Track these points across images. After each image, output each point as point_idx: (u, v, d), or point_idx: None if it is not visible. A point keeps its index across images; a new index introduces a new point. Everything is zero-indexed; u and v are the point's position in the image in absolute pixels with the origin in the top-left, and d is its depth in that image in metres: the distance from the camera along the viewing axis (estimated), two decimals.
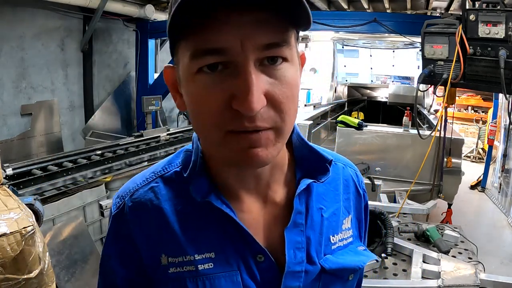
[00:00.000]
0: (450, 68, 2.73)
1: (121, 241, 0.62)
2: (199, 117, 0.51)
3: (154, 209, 0.60)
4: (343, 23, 4.46)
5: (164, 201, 0.60)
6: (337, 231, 0.65)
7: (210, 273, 0.57)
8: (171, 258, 0.58)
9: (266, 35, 0.46)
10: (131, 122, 5.98)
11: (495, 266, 3.52)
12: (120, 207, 0.63)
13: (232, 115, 0.47)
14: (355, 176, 0.71)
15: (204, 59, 0.46)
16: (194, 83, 0.48)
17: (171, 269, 0.58)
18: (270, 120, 0.48)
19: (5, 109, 4.22)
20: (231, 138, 0.48)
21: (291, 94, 0.50)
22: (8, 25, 4.13)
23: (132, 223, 0.61)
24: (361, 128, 3.84)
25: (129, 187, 0.65)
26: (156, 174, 0.64)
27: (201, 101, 0.48)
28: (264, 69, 0.47)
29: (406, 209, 2.58)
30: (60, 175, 3.06)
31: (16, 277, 1.54)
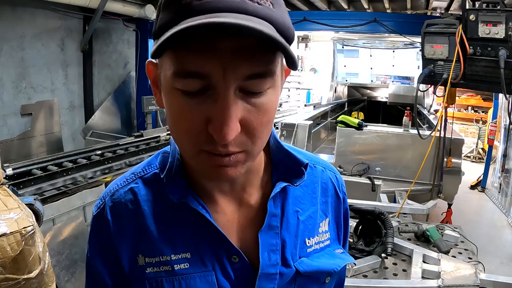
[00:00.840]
0: (450, 68, 2.73)
1: (102, 240, 0.63)
2: (177, 130, 0.51)
3: (132, 210, 0.61)
4: (343, 23, 4.46)
5: (142, 202, 0.61)
6: (313, 234, 0.65)
7: (186, 273, 0.58)
8: (148, 258, 0.59)
9: (249, 65, 0.45)
10: (131, 122, 5.98)
11: (495, 266, 3.52)
12: (101, 207, 0.64)
13: (206, 138, 0.47)
14: (334, 179, 0.71)
15: (186, 81, 0.45)
16: (175, 97, 0.48)
17: (148, 269, 0.58)
18: (242, 145, 0.49)
19: (5, 109, 4.22)
20: (204, 156, 0.49)
21: (266, 120, 0.50)
22: (8, 25, 4.13)
23: (111, 223, 0.61)
24: (361, 128, 3.84)
25: (110, 188, 0.65)
26: (136, 175, 0.65)
27: (179, 117, 0.48)
28: (243, 96, 0.47)
29: (406, 209, 2.58)
30: (60, 175, 3.06)
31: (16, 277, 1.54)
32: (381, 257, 1.80)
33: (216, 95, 0.45)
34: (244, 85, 0.46)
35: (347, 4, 5.70)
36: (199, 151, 0.49)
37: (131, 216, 0.61)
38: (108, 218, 0.62)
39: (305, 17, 4.42)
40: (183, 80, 0.46)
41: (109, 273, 0.63)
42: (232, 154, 0.48)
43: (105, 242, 0.62)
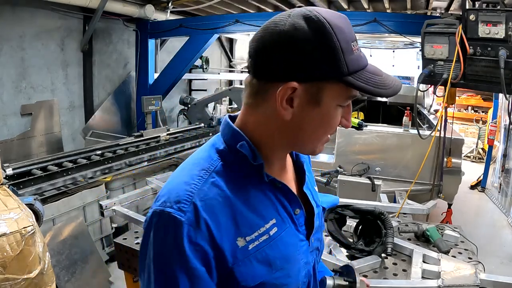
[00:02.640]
0: (450, 68, 2.73)
1: (203, 241, 0.65)
2: (324, 129, 0.74)
3: (222, 202, 0.68)
4: None
5: (227, 191, 0.69)
6: (314, 183, 0.95)
7: (277, 235, 0.74)
8: (248, 236, 0.70)
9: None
10: (131, 122, 5.97)
11: (495, 266, 3.53)
12: (189, 210, 0.65)
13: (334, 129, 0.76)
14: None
15: (349, 100, 0.73)
16: (335, 110, 0.72)
17: (250, 245, 0.70)
18: None
19: (5, 109, 4.22)
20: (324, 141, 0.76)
21: None
22: (8, 25, 4.12)
23: (209, 220, 0.65)
24: (361, 128, 3.83)
25: (185, 189, 0.68)
26: (208, 170, 0.71)
27: (333, 121, 0.73)
28: None
29: (406, 209, 2.58)
30: (60, 175, 3.06)
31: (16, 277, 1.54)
32: (381, 257, 1.80)
33: (349, 107, 0.76)
34: None
35: (347, 4, 5.69)
36: (325, 138, 0.75)
37: (224, 207, 0.68)
38: (205, 217, 0.65)
39: None
40: (349, 99, 0.73)
41: (208, 271, 0.66)
42: None
43: (206, 242, 0.65)
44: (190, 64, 5.71)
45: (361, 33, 4.56)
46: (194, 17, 5.69)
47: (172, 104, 6.81)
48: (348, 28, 0.67)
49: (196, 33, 5.19)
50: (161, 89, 5.45)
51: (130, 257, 2.00)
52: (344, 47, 0.64)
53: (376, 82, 0.69)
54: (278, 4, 5.59)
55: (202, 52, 5.61)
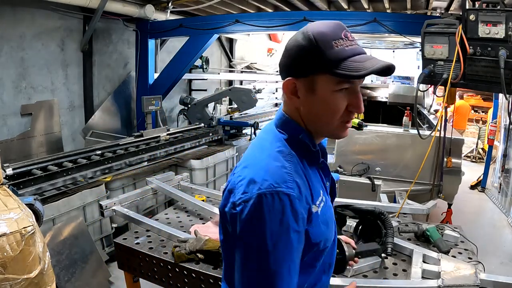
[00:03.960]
0: (450, 68, 2.73)
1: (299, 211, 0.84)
2: (331, 114, 0.90)
3: (305, 178, 0.90)
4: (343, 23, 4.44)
5: (303, 170, 0.91)
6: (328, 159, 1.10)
7: (326, 200, 0.97)
8: (317, 204, 0.91)
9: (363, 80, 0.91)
10: (131, 122, 5.98)
11: (495, 266, 3.53)
12: (295, 187, 0.84)
13: (346, 113, 0.90)
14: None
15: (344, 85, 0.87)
16: (333, 95, 0.88)
17: (318, 209, 0.91)
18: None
19: (5, 109, 4.22)
20: (342, 125, 0.93)
21: None
22: (8, 25, 4.13)
23: (305, 193, 0.87)
24: (361, 128, 3.84)
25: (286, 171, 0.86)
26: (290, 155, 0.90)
27: (335, 106, 0.89)
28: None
29: (406, 209, 2.58)
30: (60, 175, 3.06)
31: (16, 277, 1.54)
32: (381, 257, 1.80)
33: (355, 93, 0.89)
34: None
35: (347, 4, 5.69)
36: (341, 122, 0.91)
37: (305, 182, 0.90)
38: (303, 191, 0.87)
39: (305, 17, 4.42)
40: (344, 84, 0.87)
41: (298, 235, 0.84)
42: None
43: (304, 210, 0.86)
44: (190, 64, 5.71)
45: (361, 33, 4.56)
46: (194, 17, 5.69)
47: (172, 104, 6.81)
48: (333, 31, 0.87)
49: (196, 33, 5.19)
50: (161, 89, 5.45)
51: (130, 257, 2.00)
52: (325, 46, 0.84)
53: (351, 67, 0.83)
54: (278, 4, 5.59)
55: (202, 52, 5.61)
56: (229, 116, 5.98)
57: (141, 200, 2.58)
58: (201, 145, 4.77)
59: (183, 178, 2.89)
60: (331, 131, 0.95)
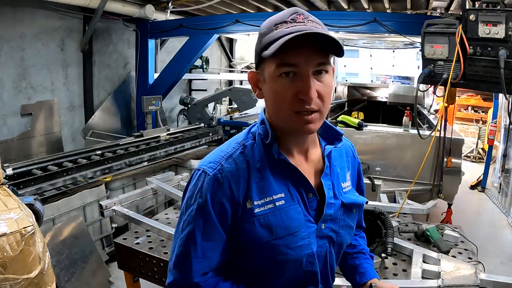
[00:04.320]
0: (450, 68, 2.72)
1: (220, 194, 0.85)
2: (279, 102, 0.84)
3: (245, 168, 0.87)
4: (343, 23, 4.45)
5: (251, 161, 0.88)
6: (344, 180, 1.01)
7: (283, 207, 0.87)
8: (256, 201, 0.86)
9: (318, 58, 0.81)
10: (131, 122, 5.97)
11: (495, 266, 3.52)
12: (218, 168, 0.87)
13: (298, 101, 0.82)
14: (351, 146, 1.12)
15: (284, 68, 0.81)
16: (277, 82, 0.83)
17: (257, 209, 0.86)
18: (317, 105, 0.83)
19: (5, 109, 4.22)
20: (296, 117, 0.84)
21: (329, 91, 0.85)
22: (8, 25, 4.13)
23: (230, 179, 0.86)
24: (361, 128, 3.84)
25: (220, 154, 0.90)
26: (240, 143, 0.92)
27: (280, 93, 0.83)
28: (315, 77, 0.82)
29: (406, 209, 2.58)
30: (60, 175, 3.06)
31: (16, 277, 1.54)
32: (381, 257, 1.80)
33: (302, 76, 0.81)
34: (315, 69, 0.82)
35: (347, 4, 5.69)
36: (293, 112, 0.83)
37: (244, 172, 0.87)
38: (228, 176, 0.86)
39: None
40: (282, 68, 0.81)
41: (220, 220, 0.86)
42: (312, 112, 0.83)
43: (224, 195, 0.85)
44: (190, 64, 5.71)
45: (361, 33, 4.56)
46: (194, 17, 5.69)
47: (172, 104, 6.81)
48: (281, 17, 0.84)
49: (196, 33, 5.19)
50: (161, 89, 5.46)
51: (130, 257, 2.00)
52: (265, 32, 0.84)
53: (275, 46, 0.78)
54: (278, 4, 5.59)
55: (202, 52, 5.61)
56: (229, 116, 5.98)
57: (141, 200, 2.58)
58: (201, 145, 4.77)
59: (183, 178, 2.89)
60: (289, 125, 0.87)
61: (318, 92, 0.82)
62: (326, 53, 0.83)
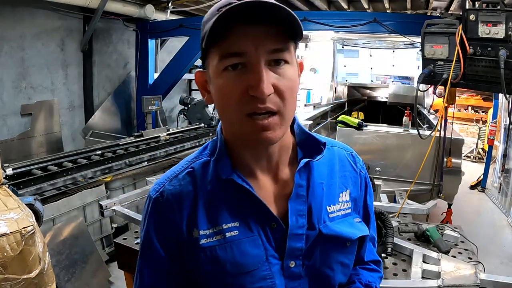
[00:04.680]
0: (450, 68, 2.72)
1: (162, 219, 0.73)
2: (225, 103, 0.67)
3: (190, 190, 0.73)
4: (343, 23, 4.46)
5: (199, 182, 0.74)
6: (334, 202, 0.78)
7: (236, 239, 0.70)
8: (202, 230, 0.71)
9: (272, 42, 0.63)
10: (131, 122, 5.97)
11: (495, 266, 3.52)
12: (160, 190, 0.75)
13: (249, 100, 0.63)
14: (350, 157, 0.85)
15: (229, 60, 0.64)
16: (222, 78, 0.65)
17: (202, 240, 0.70)
18: (276, 105, 0.65)
19: (5, 109, 4.22)
20: (248, 121, 0.65)
21: (291, 87, 0.66)
22: (8, 25, 4.13)
23: (172, 203, 0.73)
24: (361, 128, 3.84)
25: (167, 175, 0.78)
26: (190, 162, 0.78)
27: (226, 90, 0.65)
28: (271, 68, 0.64)
29: (406, 209, 2.58)
30: (60, 175, 3.06)
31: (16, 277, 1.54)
32: (381, 257, 1.80)
33: (252, 67, 0.63)
34: (270, 57, 0.64)
35: (347, 4, 5.69)
36: (244, 116, 0.64)
37: (189, 195, 0.73)
38: (169, 198, 0.73)
39: (305, 17, 4.42)
40: (227, 59, 0.64)
41: (165, 248, 0.73)
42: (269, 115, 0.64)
43: (166, 221, 0.73)
44: (190, 64, 5.70)
45: (361, 33, 4.56)
46: (194, 17, 5.69)
47: (172, 104, 6.81)
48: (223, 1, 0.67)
49: (196, 33, 5.18)
50: (161, 89, 5.46)
51: (130, 257, 2.00)
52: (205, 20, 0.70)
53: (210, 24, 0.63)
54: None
55: None
56: None
57: (141, 200, 2.58)
58: (201, 145, 4.76)
59: None
60: (241, 134, 0.69)
61: (276, 87, 0.64)
62: (284, 37, 0.65)
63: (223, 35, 0.63)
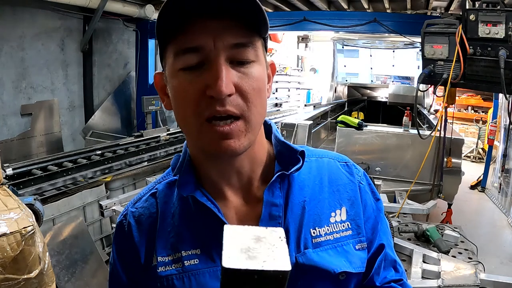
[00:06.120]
0: (450, 68, 2.73)
1: (124, 244, 0.67)
2: (181, 107, 0.57)
3: (152, 213, 0.66)
4: (343, 23, 4.46)
5: (161, 204, 0.66)
6: (321, 224, 0.63)
7: (195, 269, 0.60)
8: (161, 257, 0.62)
9: (233, 36, 0.55)
10: (131, 122, 5.97)
11: (495, 266, 3.52)
12: (123, 214, 0.69)
13: (207, 102, 0.54)
14: (345, 168, 0.70)
15: (185, 57, 0.55)
16: (177, 78, 0.57)
17: (160, 268, 0.62)
18: (239, 108, 0.55)
19: (5, 109, 4.22)
20: (206, 128, 0.55)
21: (257, 87, 0.57)
22: (8, 25, 4.12)
23: (133, 227, 0.66)
24: (361, 128, 3.84)
25: (134, 197, 0.72)
26: (156, 182, 0.71)
27: (182, 92, 0.56)
28: (233, 66, 0.55)
29: (406, 209, 2.58)
30: (60, 175, 3.06)
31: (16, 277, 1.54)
32: None
33: (210, 65, 0.54)
34: (231, 54, 0.55)
35: (347, 4, 5.69)
36: (202, 122, 0.55)
37: (151, 219, 0.66)
38: (131, 223, 0.67)
39: (305, 17, 4.42)
40: (182, 57, 0.55)
41: (127, 274, 0.66)
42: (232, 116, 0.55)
43: (126, 246, 0.66)
44: None
45: (361, 33, 4.57)
46: None
47: None
48: None
49: None
50: None
51: None
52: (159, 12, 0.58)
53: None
54: (278, 4, 5.58)
55: None
56: None
57: None
58: None
59: None
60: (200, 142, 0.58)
61: (238, 87, 0.55)
62: (248, 31, 0.56)
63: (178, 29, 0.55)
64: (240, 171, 0.63)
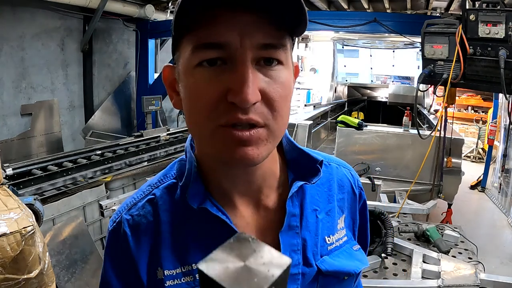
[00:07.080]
0: (450, 68, 2.73)
1: (119, 255, 0.61)
2: (194, 110, 0.51)
3: (151, 222, 0.60)
4: (343, 23, 4.46)
5: (161, 212, 0.60)
6: (332, 232, 0.64)
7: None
8: (168, 270, 0.58)
9: (264, 35, 0.48)
10: (131, 122, 5.98)
11: (495, 266, 3.52)
12: (117, 221, 0.62)
13: (226, 108, 0.48)
14: (350, 176, 0.71)
15: (205, 53, 0.48)
16: (193, 76, 0.50)
17: (168, 282, 0.57)
18: (263, 116, 0.49)
19: (5, 109, 4.22)
20: (222, 132, 0.49)
21: (284, 94, 0.51)
22: (8, 25, 4.13)
23: (130, 237, 0.60)
24: (361, 128, 3.84)
25: (127, 202, 0.64)
26: (152, 186, 0.64)
27: (197, 93, 0.49)
28: (260, 69, 0.49)
29: (406, 209, 2.58)
30: (60, 175, 3.06)
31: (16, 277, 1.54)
32: (381, 257, 1.80)
33: (234, 65, 0.48)
34: (259, 54, 0.48)
35: (347, 4, 5.70)
36: (216, 127, 0.49)
37: (150, 228, 0.60)
38: (126, 232, 0.61)
39: None
40: (202, 52, 0.48)
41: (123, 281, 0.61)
42: (253, 127, 0.48)
43: (123, 257, 0.61)
44: None
45: (361, 33, 4.57)
46: None
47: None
48: None
49: None
50: (161, 89, 5.45)
51: None
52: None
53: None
54: None
55: None
56: None
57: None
58: None
59: None
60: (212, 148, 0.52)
61: (264, 94, 0.49)
62: (281, 30, 0.49)
63: (200, 20, 0.48)
64: (251, 180, 0.59)
